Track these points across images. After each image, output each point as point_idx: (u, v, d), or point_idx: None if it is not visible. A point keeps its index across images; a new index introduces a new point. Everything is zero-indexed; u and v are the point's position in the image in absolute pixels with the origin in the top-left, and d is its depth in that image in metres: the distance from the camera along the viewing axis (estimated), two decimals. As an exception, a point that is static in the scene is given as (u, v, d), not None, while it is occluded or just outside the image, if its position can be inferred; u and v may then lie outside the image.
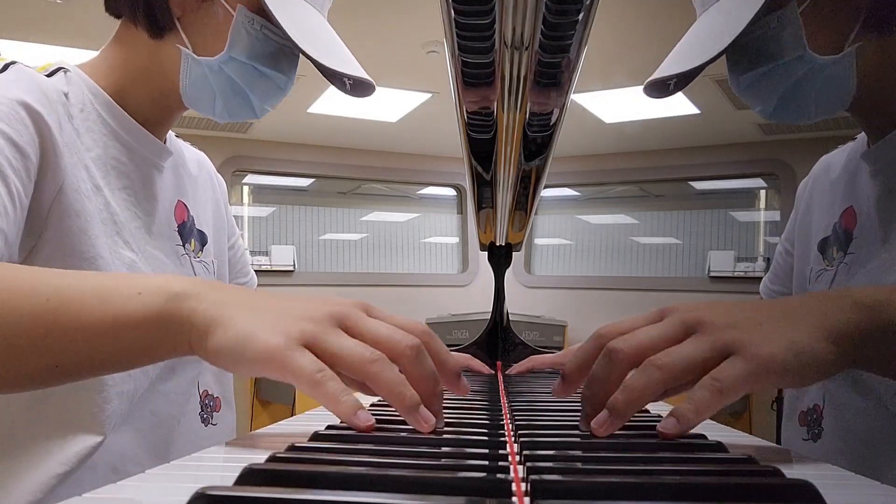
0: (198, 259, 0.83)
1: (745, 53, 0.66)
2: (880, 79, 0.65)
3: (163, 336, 0.45)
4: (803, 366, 0.43)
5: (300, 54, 0.71)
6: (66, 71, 0.69)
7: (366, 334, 0.45)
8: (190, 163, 0.87)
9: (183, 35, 0.70)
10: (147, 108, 0.74)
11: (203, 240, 0.85)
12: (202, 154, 0.94)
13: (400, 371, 0.45)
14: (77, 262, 0.62)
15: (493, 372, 1.04)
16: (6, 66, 0.63)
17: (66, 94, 0.67)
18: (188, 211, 0.82)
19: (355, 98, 0.76)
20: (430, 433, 0.44)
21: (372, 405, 0.64)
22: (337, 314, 0.45)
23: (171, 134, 0.82)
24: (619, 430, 0.51)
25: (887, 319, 0.45)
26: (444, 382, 0.49)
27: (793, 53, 0.63)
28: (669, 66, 0.68)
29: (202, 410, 0.80)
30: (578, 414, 0.59)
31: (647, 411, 0.64)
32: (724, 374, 0.42)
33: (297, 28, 0.68)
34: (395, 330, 0.46)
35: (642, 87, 0.69)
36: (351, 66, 0.73)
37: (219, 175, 0.96)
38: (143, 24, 0.70)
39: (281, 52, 0.71)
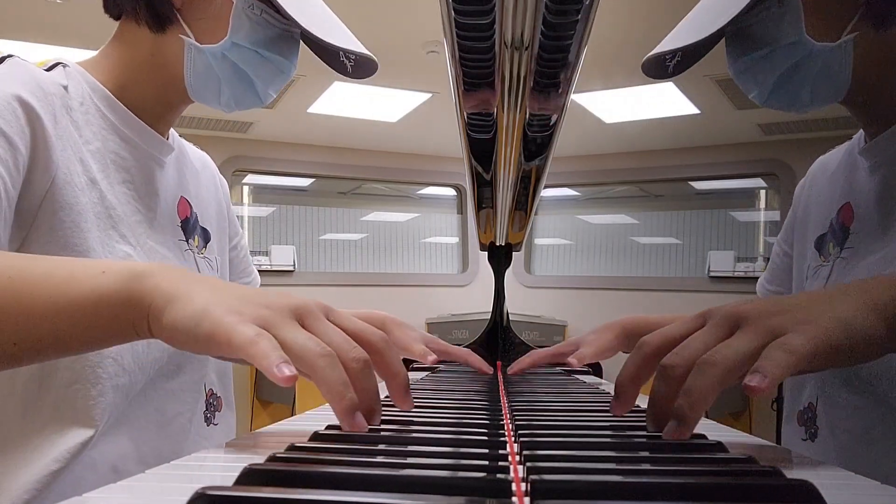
0: (202, 256, 0.83)
1: (743, 37, 0.67)
2: (879, 74, 0.66)
3: (124, 314, 0.45)
4: (854, 342, 0.43)
5: (300, 38, 0.73)
6: (64, 66, 0.70)
7: (321, 335, 0.44)
8: (194, 161, 0.88)
9: (185, 25, 0.71)
10: (150, 103, 0.75)
11: (206, 237, 0.85)
12: (206, 155, 0.94)
13: None
14: (69, 255, 0.62)
15: (491, 370, 1.04)
16: (2, 60, 0.64)
17: (65, 87, 0.67)
18: (191, 207, 0.83)
19: (357, 79, 0.77)
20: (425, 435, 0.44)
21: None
22: (296, 308, 0.44)
23: (173, 132, 0.83)
24: (620, 429, 0.51)
25: None
26: (391, 394, 0.49)
27: (790, 38, 0.64)
28: (669, 43, 0.68)
29: (206, 409, 0.80)
30: (578, 414, 0.60)
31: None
32: (788, 341, 0.41)
33: (296, 8, 0.70)
34: (348, 339, 0.45)
35: (640, 64, 0.70)
36: (351, 43, 0.75)
37: (221, 176, 0.97)
38: (144, 19, 0.71)
39: (282, 36, 0.73)
